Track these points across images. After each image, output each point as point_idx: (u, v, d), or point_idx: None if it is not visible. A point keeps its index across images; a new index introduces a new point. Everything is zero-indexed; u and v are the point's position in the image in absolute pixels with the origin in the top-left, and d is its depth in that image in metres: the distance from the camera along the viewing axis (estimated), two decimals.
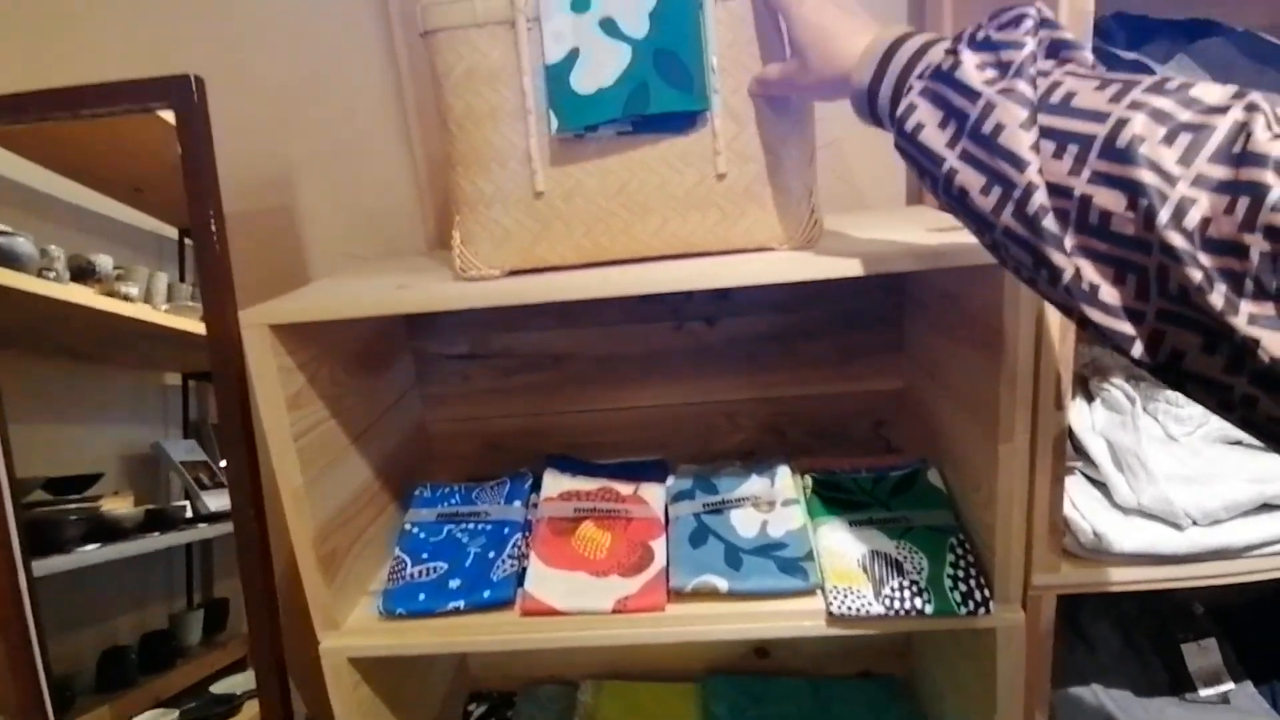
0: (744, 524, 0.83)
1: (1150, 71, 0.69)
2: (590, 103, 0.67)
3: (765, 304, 1.00)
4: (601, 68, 0.66)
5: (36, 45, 1.04)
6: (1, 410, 1.02)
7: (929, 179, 0.50)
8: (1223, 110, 0.37)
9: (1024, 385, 0.66)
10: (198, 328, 1.07)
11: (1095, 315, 0.41)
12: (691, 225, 0.71)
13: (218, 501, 1.20)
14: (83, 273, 1.11)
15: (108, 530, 1.16)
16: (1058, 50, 0.47)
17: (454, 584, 0.80)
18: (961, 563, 0.74)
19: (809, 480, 0.87)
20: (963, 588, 0.72)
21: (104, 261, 1.12)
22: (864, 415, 1.03)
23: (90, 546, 1.15)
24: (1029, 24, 0.46)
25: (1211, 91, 0.38)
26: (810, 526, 0.81)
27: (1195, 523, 0.73)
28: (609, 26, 0.66)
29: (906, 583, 0.73)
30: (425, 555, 0.84)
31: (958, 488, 0.82)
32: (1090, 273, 0.41)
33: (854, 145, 0.98)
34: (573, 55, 0.67)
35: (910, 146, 0.50)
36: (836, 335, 1.00)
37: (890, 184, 1.02)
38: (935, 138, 0.48)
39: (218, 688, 1.17)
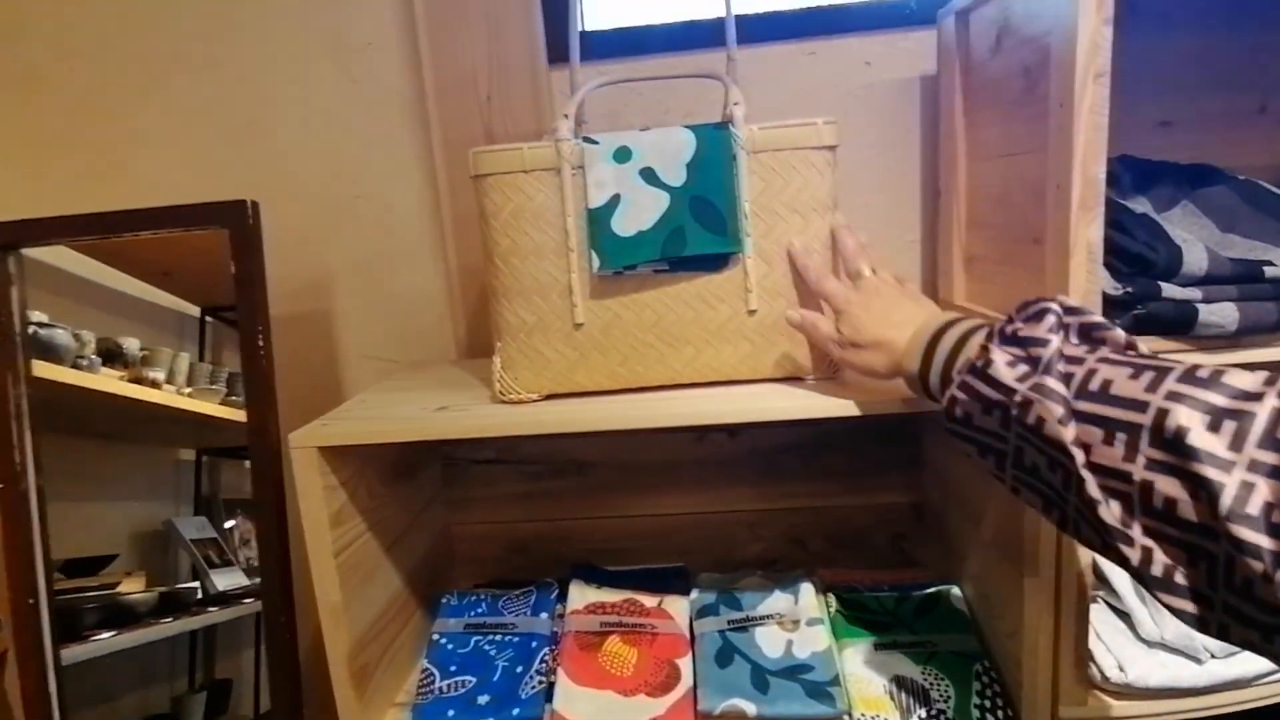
0: (769, 643, 0.84)
1: (1158, 227, 0.73)
2: (630, 244, 0.71)
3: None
4: (641, 212, 0.71)
5: (100, 161, 1.11)
6: (43, 495, 1.04)
7: (992, 456, 0.52)
8: (1258, 397, 0.38)
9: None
10: (218, 411, 1.10)
11: (1166, 599, 0.41)
12: (723, 356, 0.75)
13: (225, 580, 1.21)
14: (111, 355, 1.14)
15: (123, 615, 1.16)
16: (1089, 333, 0.50)
17: (483, 700, 0.81)
18: (988, 691, 0.75)
19: (832, 599, 0.88)
20: (990, 719, 0.72)
21: (131, 345, 1.15)
22: (883, 528, 1.05)
23: (106, 634, 1.15)
24: (1052, 320, 0.50)
25: (1243, 378, 0.40)
26: (835, 648, 0.82)
27: (1214, 656, 0.74)
28: (649, 175, 0.71)
29: (934, 712, 0.73)
30: (453, 668, 0.85)
31: (981, 612, 0.83)
32: (1160, 556, 0.41)
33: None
34: (614, 201, 0.71)
35: (963, 429, 0.53)
36: (856, 448, 1.03)
37: None
38: (987, 423, 0.51)
39: None
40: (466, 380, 0.91)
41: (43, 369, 1.09)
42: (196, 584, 1.23)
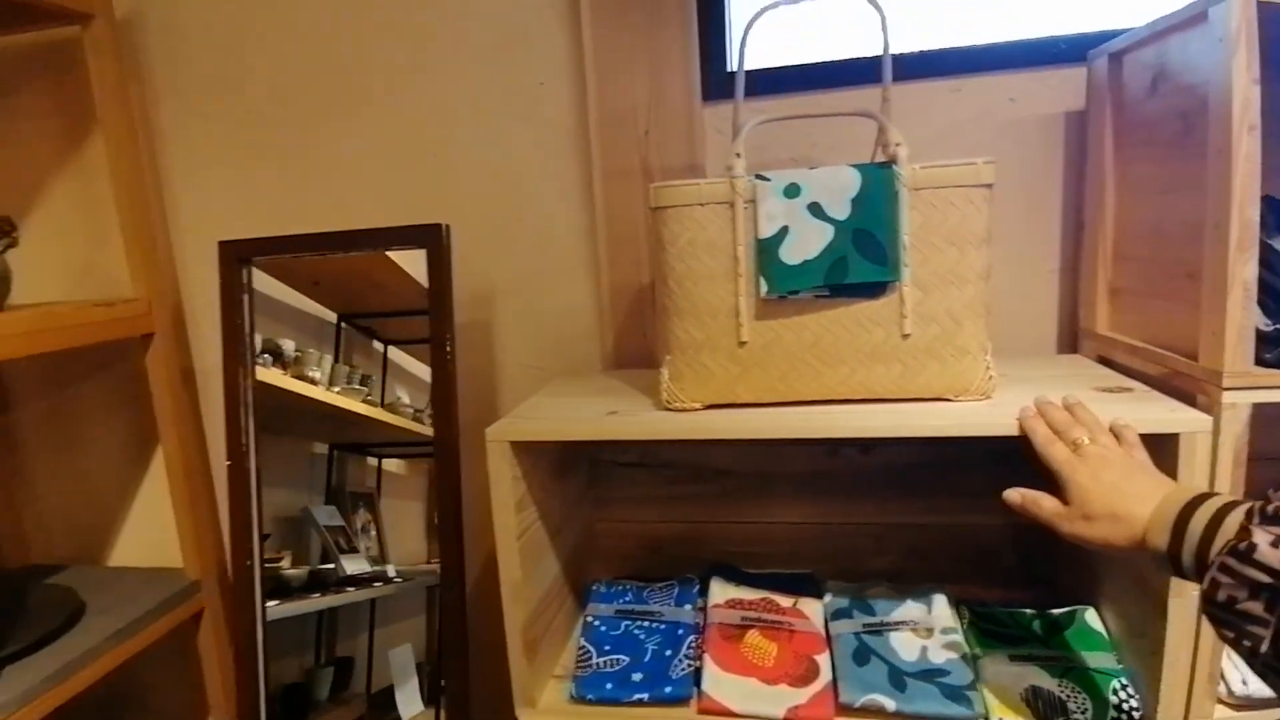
0: (904, 647, 0.89)
1: None
2: (796, 271, 0.79)
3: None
4: (807, 243, 0.79)
5: (303, 185, 1.27)
6: (260, 474, 1.19)
7: (1245, 644, 0.51)
8: None
9: None
10: (362, 408, 1.23)
11: None
12: (876, 376, 0.81)
13: (353, 565, 1.34)
14: (273, 355, 1.29)
15: (283, 588, 1.30)
16: None
17: (637, 677, 0.89)
18: (1125, 705, 0.78)
19: (965, 611, 0.93)
20: None
21: (288, 345, 1.29)
22: (1014, 547, 1.08)
23: (273, 603, 1.29)
24: None
25: None
26: (970, 656, 0.87)
27: None
28: (815, 209, 0.78)
29: None
30: (608, 647, 0.94)
31: (1117, 630, 0.86)
32: None
33: (1005, 288, 1.07)
34: (783, 232, 0.79)
35: (1223, 614, 0.52)
36: (989, 467, 1.06)
37: (1040, 328, 1.10)
38: (1252, 607, 0.50)
39: None
40: (621, 388, 1.00)
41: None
42: (332, 566, 1.36)
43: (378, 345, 1.25)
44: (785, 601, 0.99)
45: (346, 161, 1.25)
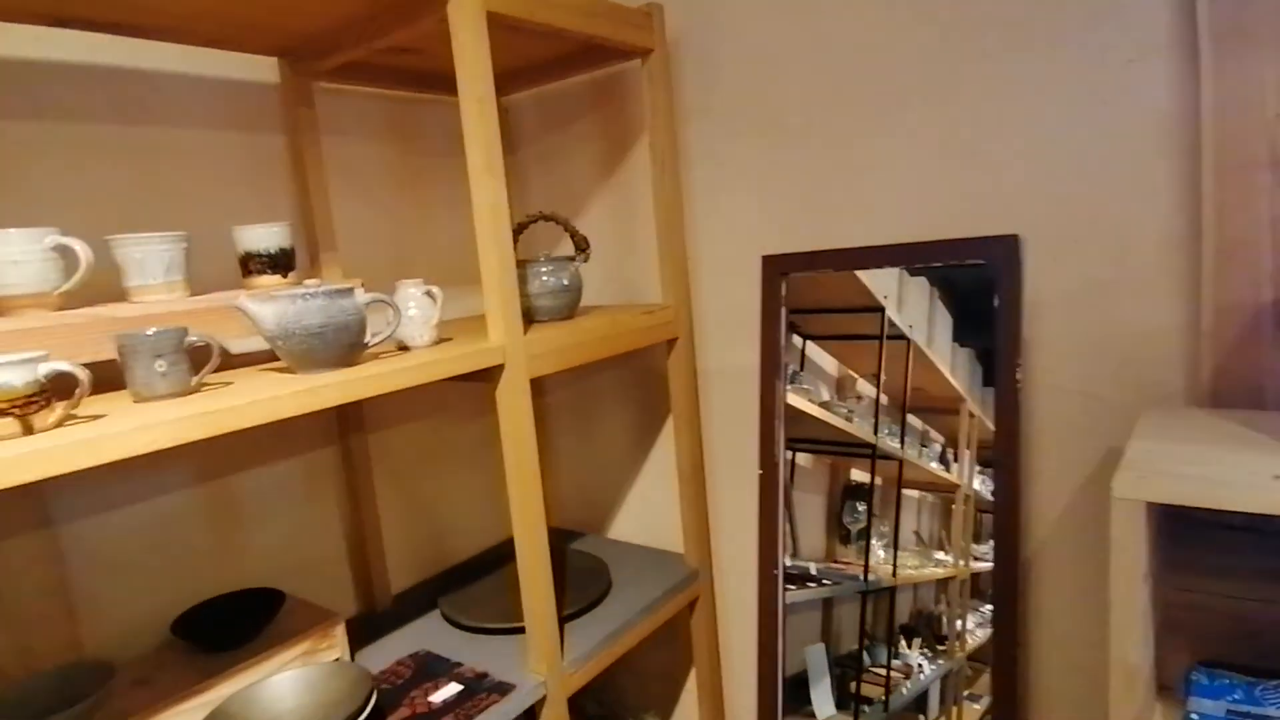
0: None
1: None
2: None
3: None
4: None
5: (826, 194, 1.26)
6: (789, 484, 1.22)
7: None
8: None
9: None
10: (811, 409, 1.17)
11: None
12: None
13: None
14: None
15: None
16: None
17: None
18: None
19: None
20: None
21: None
22: None
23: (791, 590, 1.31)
24: None
25: None
26: None
27: None
28: None
29: None
30: None
31: None
32: None
33: None
34: None
35: None
36: None
37: None
38: None
39: None
40: (1257, 439, 0.79)
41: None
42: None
43: (796, 339, 1.22)
44: None
45: (874, 171, 1.20)
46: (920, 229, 1.14)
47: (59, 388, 0.69)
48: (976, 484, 1.13)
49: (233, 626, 1.04)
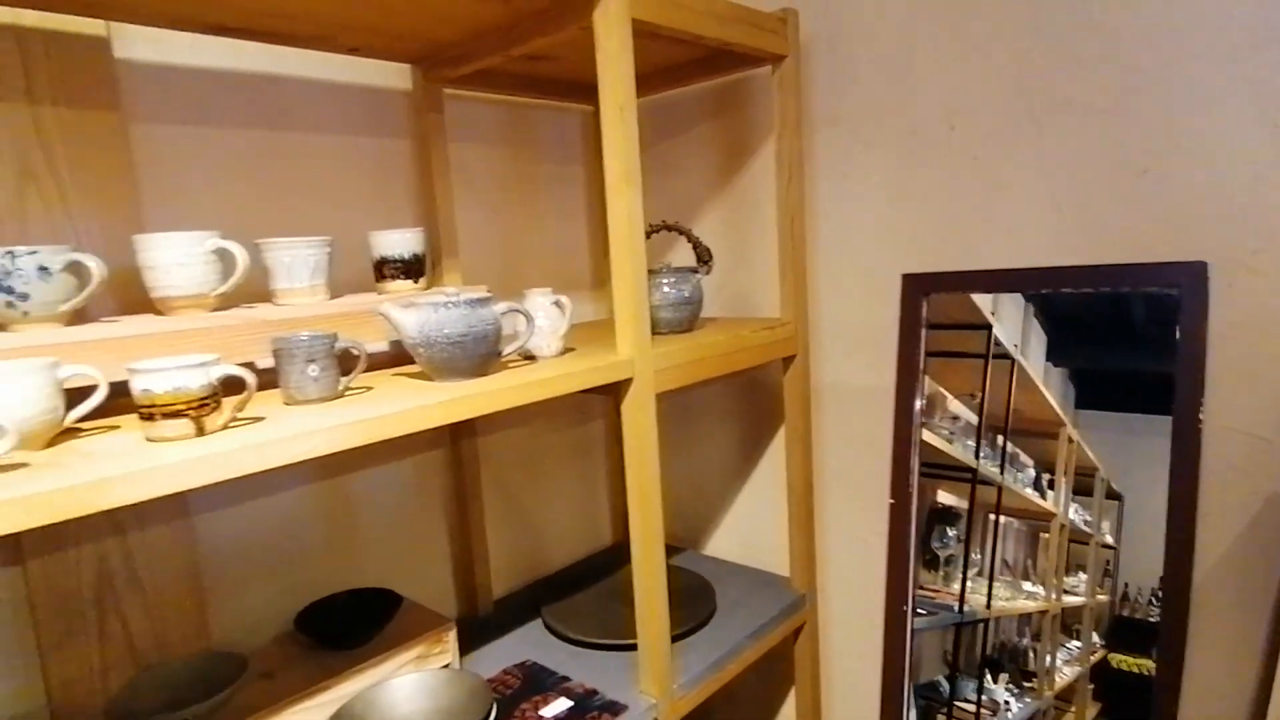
0: None
1: None
2: None
3: None
4: None
5: (964, 211, 1.19)
6: (920, 516, 1.16)
7: None
8: None
9: None
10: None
11: None
12: None
13: None
14: None
15: None
16: None
17: None
18: None
19: None
20: None
21: None
22: None
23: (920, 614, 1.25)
24: None
25: None
26: None
27: None
28: None
29: None
30: None
31: None
32: None
33: None
34: None
35: None
36: None
37: None
38: None
39: None
40: None
41: None
42: None
43: None
44: None
45: (1016, 187, 1.14)
46: (1072, 253, 1.06)
47: (225, 389, 0.70)
48: (1071, 513, 1.05)
49: (354, 626, 1.05)
